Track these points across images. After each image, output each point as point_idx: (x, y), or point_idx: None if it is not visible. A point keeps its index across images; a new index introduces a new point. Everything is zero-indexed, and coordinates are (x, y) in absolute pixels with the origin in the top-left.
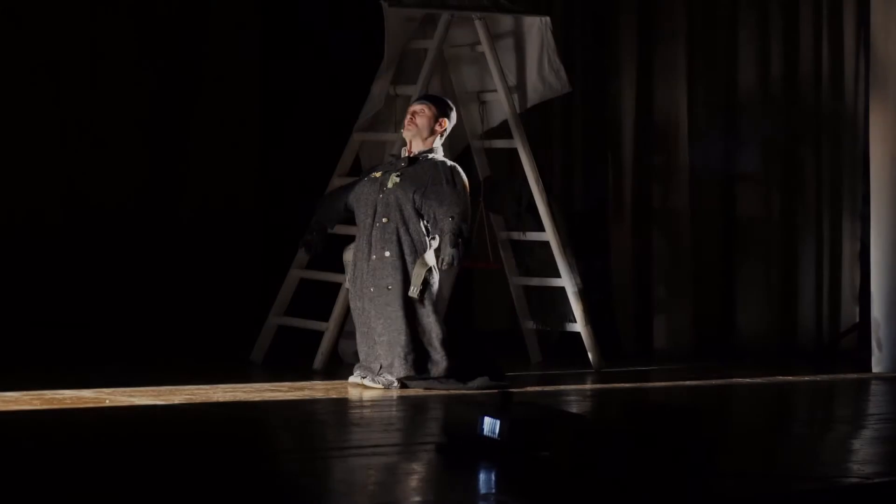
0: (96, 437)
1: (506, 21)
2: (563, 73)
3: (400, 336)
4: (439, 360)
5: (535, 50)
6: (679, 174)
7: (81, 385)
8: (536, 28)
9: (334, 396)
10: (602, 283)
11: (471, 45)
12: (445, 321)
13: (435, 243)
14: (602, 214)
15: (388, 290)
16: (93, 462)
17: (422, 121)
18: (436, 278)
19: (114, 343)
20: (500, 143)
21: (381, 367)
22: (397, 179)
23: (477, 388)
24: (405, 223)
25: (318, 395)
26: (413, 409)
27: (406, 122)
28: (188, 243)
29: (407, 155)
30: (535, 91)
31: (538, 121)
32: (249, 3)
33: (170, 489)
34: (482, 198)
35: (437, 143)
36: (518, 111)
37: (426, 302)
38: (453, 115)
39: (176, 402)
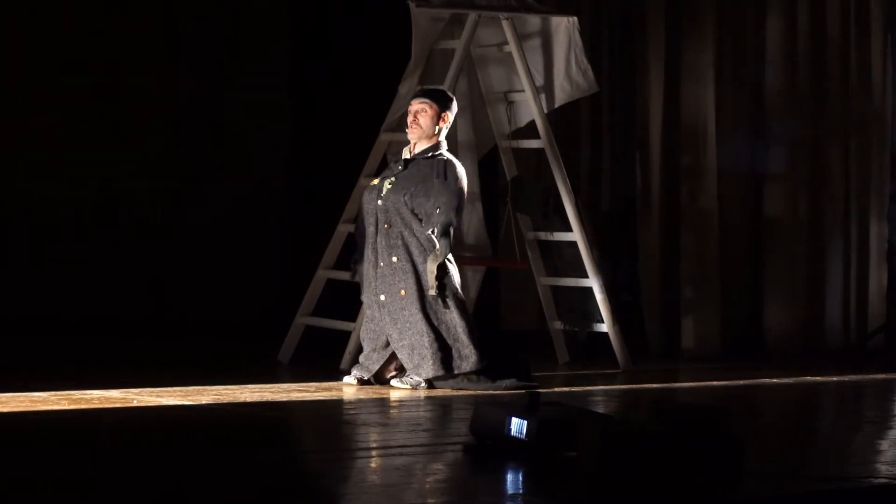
0: (123, 437)
1: (533, 21)
2: (590, 74)
3: (422, 338)
4: (468, 353)
5: (562, 50)
6: (707, 174)
7: (109, 385)
8: (564, 28)
9: (362, 396)
10: (630, 283)
11: (498, 45)
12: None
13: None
14: (630, 214)
15: (402, 295)
16: (119, 461)
17: (425, 120)
18: (452, 272)
19: (142, 343)
20: (527, 144)
21: (406, 370)
22: (390, 185)
23: (505, 389)
24: (408, 226)
25: (346, 395)
26: (440, 410)
27: (409, 122)
28: (216, 243)
29: (408, 156)
30: (562, 91)
31: (566, 121)
32: (277, 2)
33: (197, 489)
34: (509, 198)
35: (442, 136)
36: (545, 111)
37: (447, 298)
38: (454, 105)
39: (203, 402)
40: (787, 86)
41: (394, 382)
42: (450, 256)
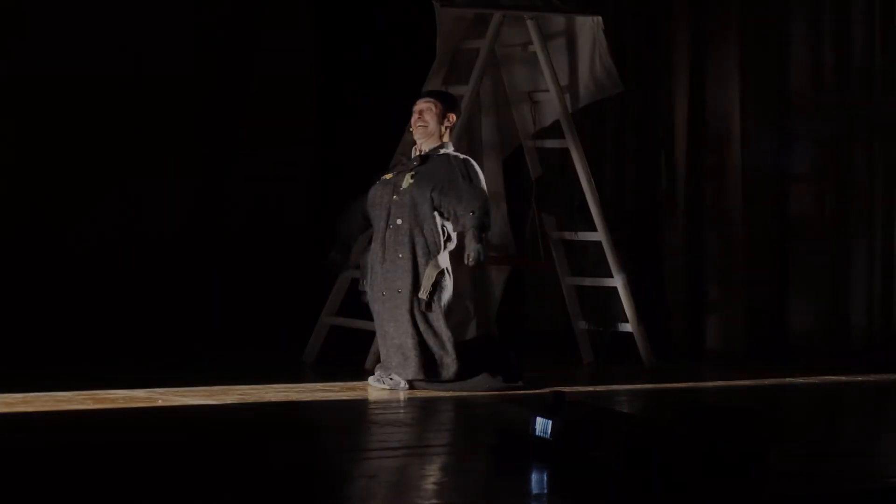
0: (148, 437)
1: (557, 21)
2: (614, 73)
3: (408, 339)
4: (450, 363)
5: (586, 50)
6: (731, 174)
7: (134, 385)
8: (588, 28)
9: (386, 396)
10: (654, 282)
11: (523, 44)
12: (497, 321)
13: (451, 245)
14: (654, 214)
15: (399, 292)
16: (143, 461)
17: (430, 118)
18: (449, 282)
19: (164, 343)
20: (551, 143)
21: (390, 369)
22: (412, 180)
23: (487, 391)
24: (419, 224)
25: (371, 395)
26: (464, 410)
27: (413, 121)
28: (239, 243)
29: (418, 154)
30: (586, 91)
31: (590, 121)
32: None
33: (222, 489)
34: (534, 198)
35: (447, 137)
36: (570, 111)
37: (435, 306)
38: (458, 107)
39: (228, 402)
40: (811, 86)
41: (373, 382)
42: (449, 268)
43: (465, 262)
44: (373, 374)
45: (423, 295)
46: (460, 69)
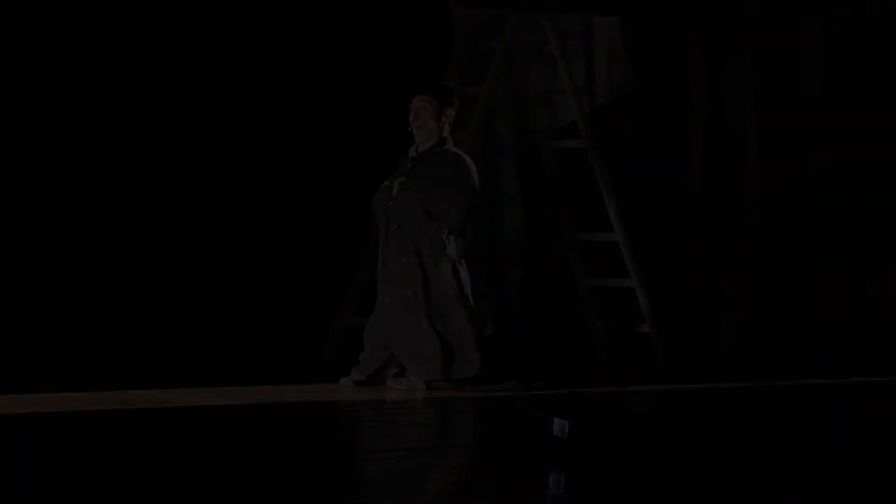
0: (164, 437)
1: (574, 21)
2: (631, 74)
3: (424, 341)
4: (472, 359)
5: (603, 50)
6: (748, 175)
7: (150, 385)
8: (605, 28)
9: (403, 397)
10: (670, 283)
11: (539, 45)
12: (512, 321)
13: (454, 238)
14: (671, 215)
15: (410, 297)
16: (159, 461)
17: (426, 117)
18: (464, 275)
19: (184, 344)
20: (568, 144)
21: (405, 371)
22: (399, 186)
23: (504, 392)
24: (419, 226)
25: (387, 394)
26: (481, 411)
27: (410, 119)
28: (254, 242)
29: (415, 154)
30: (603, 91)
31: (607, 121)
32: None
33: (240, 491)
34: (550, 198)
35: (447, 131)
36: (586, 111)
37: (458, 300)
38: (455, 99)
39: (246, 403)
40: (827, 88)
41: (390, 382)
42: (460, 259)
43: (457, 258)
44: (348, 374)
45: (450, 290)
46: (477, 69)
